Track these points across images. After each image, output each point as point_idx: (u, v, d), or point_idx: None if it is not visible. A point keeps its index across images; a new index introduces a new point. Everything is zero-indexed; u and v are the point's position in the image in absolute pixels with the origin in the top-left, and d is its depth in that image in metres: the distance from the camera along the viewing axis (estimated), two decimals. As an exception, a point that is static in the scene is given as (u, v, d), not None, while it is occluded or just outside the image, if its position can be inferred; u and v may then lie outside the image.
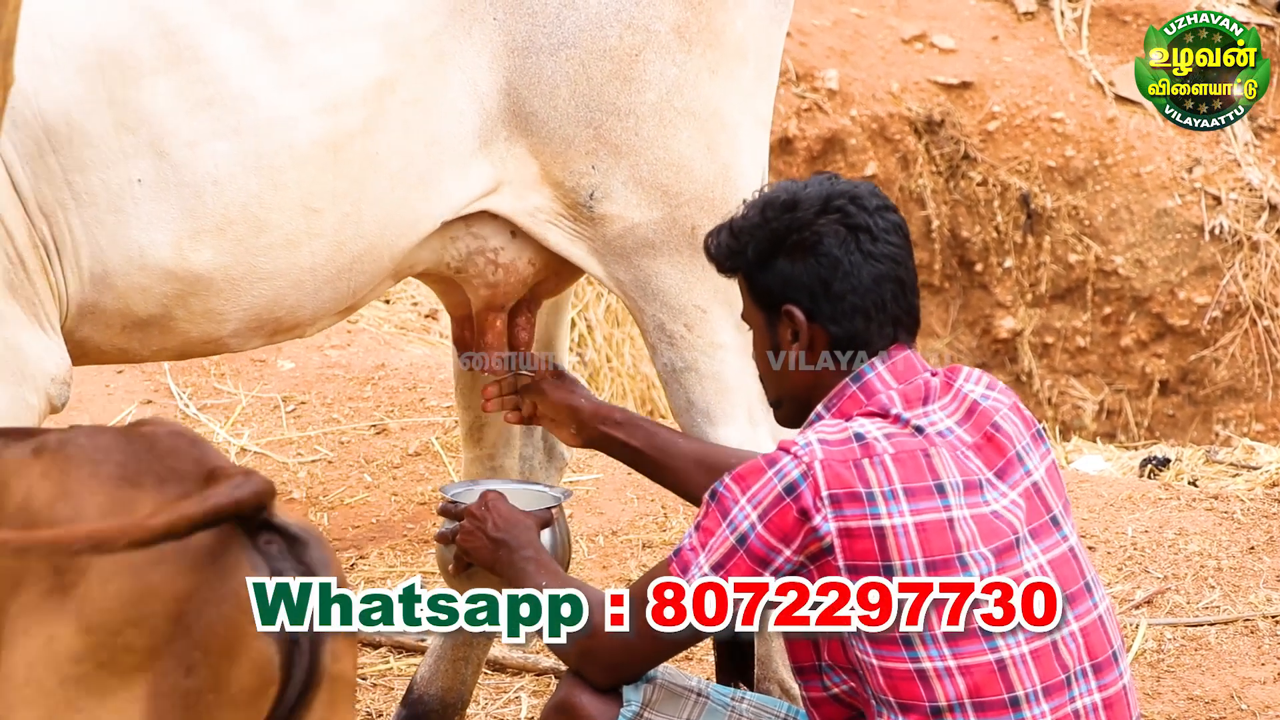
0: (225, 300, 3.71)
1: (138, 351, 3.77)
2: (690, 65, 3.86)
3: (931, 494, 3.09)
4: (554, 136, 3.83)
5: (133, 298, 3.66)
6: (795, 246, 3.20)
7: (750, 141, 3.95)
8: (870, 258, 3.19)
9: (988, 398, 3.21)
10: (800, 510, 3.07)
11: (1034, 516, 3.16)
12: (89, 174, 3.58)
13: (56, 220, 3.59)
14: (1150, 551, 5.34)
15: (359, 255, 3.76)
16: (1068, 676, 3.13)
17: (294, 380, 6.52)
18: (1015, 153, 9.18)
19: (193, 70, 3.61)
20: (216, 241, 3.65)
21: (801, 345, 3.21)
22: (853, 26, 9.32)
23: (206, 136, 3.62)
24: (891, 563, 3.07)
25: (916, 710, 3.09)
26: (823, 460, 3.08)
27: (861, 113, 9.12)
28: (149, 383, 6.51)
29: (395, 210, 3.76)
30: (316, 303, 3.79)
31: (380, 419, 6.29)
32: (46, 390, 3.61)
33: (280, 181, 3.66)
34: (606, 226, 3.88)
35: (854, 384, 3.20)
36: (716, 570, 3.10)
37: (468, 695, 4.50)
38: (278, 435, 6.24)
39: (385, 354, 6.70)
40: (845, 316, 3.19)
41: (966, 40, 9.32)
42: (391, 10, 3.71)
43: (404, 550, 5.68)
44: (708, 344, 3.95)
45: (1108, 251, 9.20)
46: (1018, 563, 3.11)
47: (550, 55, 3.80)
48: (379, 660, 5.09)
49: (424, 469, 6.05)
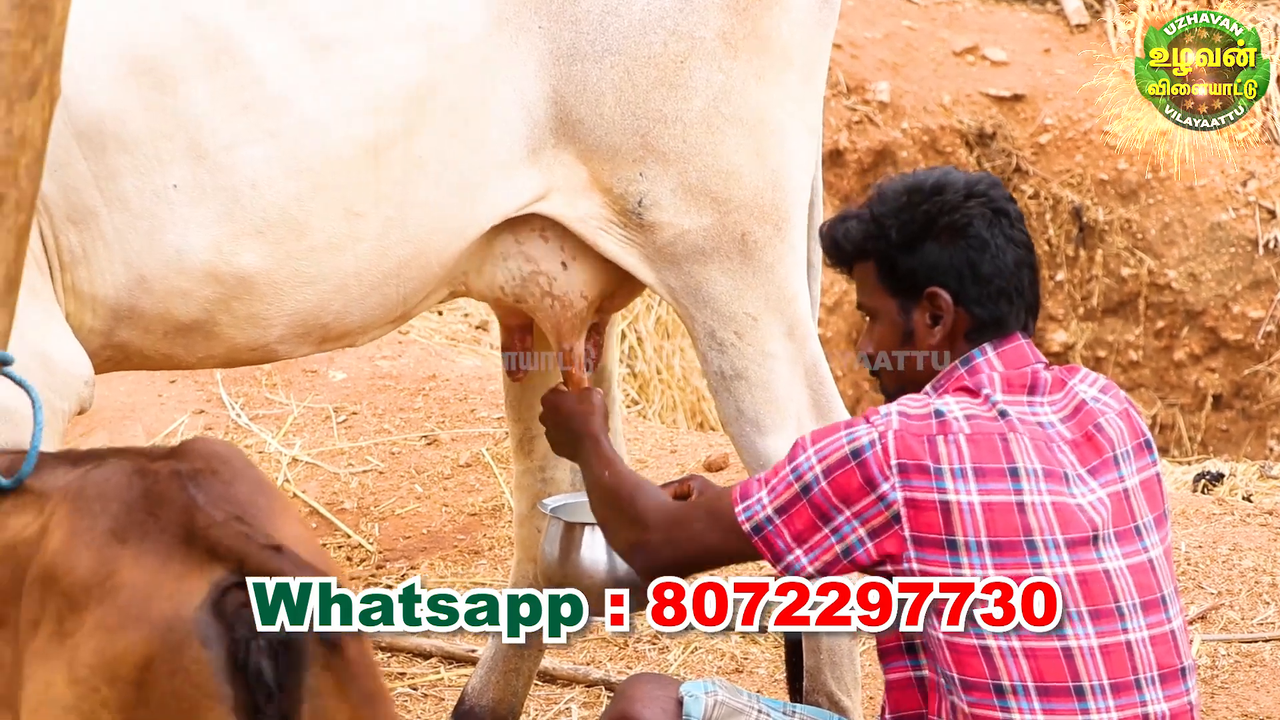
0: (269, 304, 3.72)
1: (183, 358, 3.77)
2: (737, 72, 3.85)
3: (1003, 476, 3.11)
4: (601, 144, 3.83)
5: (173, 302, 3.67)
6: (945, 229, 3.23)
7: (798, 147, 3.95)
8: (1011, 242, 3.24)
9: (1098, 400, 3.23)
10: (865, 478, 3.12)
11: (1119, 520, 3.17)
12: (123, 180, 3.59)
13: (87, 226, 3.59)
14: (1204, 567, 5.31)
15: (406, 260, 3.77)
16: (1138, 679, 3.13)
17: (345, 391, 6.54)
18: (1067, 165, 9.15)
19: (231, 74, 3.62)
20: (256, 244, 3.66)
21: (945, 329, 3.23)
22: (904, 39, 9.30)
23: (245, 140, 3.63)
24: (955, 538, 3.10)
25: (980, 688, 3.11)
26: (896, 431, 3.12)
27: (913, 125, 9.10)
28: (201, 393, 6.54)
29: (441, 215, 3.76)
30: (364, 309, 3.80)
31: (431, 430, 6.30)
32: (77, 393, 3.63)
33: (320, 184, 3.67)
34: (656, 233, 3.88)
35: (962, 366, 3.24)
36: (779, 513, 3.17)
37: (519, 707, 4.50)
38: (329, 446, 6.26)
39: (436, 365, 6.71)
40: (990, 299, 3.23)
41: (1018, 53, 9.29)
42: (434, 16, 3.72)
43: (455, 561, 5.69)
44: (758, 352, 3.95)
45: (1161, 265, 9.15)
46: (1094, 559, 3.13)
47: (595, 62, 3.80)
48: (430, 670, 5.10)
49: (475, 480, 6.05)
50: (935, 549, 3.10)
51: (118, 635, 2.68)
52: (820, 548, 3.15)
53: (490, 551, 5.73)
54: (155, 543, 2.73)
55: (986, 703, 3.11)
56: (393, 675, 5.08)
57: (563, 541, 3.78)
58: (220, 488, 2.81)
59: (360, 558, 5.76)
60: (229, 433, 6.32)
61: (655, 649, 5.14)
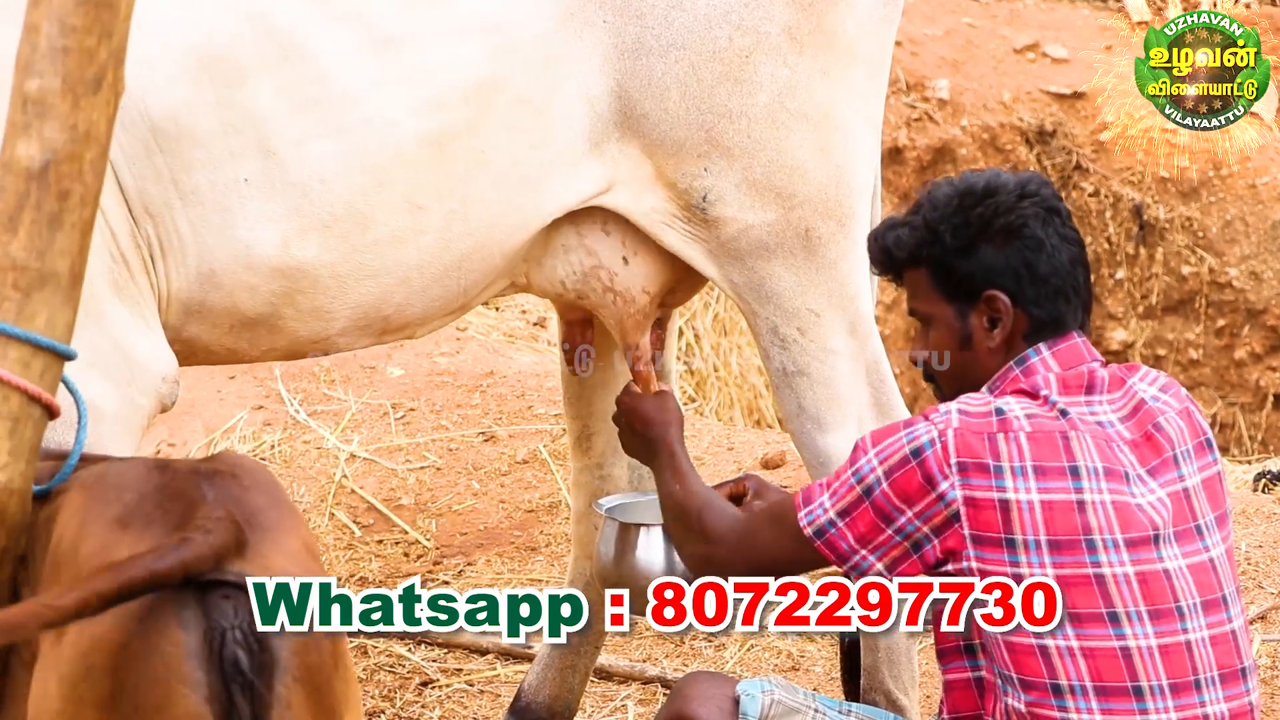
0: (333, 297, 3.73)
1: (247, 351, 3.79)
2: (802, 67, 3.85)
3: (1064, 475, 3.10)
4: (665, 139, 3.83)
5: (240, 296, 3.69)
6: (1000, 231, 3.22)
7: (862, 143, 3.94)
8: (1065, 240, 3.24)
9: (1158, 399, 3.22)
10: (925, 476, 3.11)
11: (1179, 520, 3.16)
12: (196, 173, 3.61)
13: (163, 220, 3.62)
14: (1264, 567, 5.28)
15: (468, 253, 3.78)
16: (1197, 680, 3.12)
17: (403, 387, 6.56)
18: (1128, 163, 9.10)
19: (298, 70, 3.63)
20: (323, 239, 3.68)
21: (1004, 331, 3.23)
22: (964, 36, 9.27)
23: (312, 135, 3.64)
24: (1014, 537, 3.09)
25: (1037, 687, 3.10)
26: (956, 429, 3.12)
27: (972, 122, 9.07)
28: (260, 389, 6.56)
29: (503, 208, 3.77)
30: (425, 301, 3.81)
31: (488, 426, 6.31)
32: (157, 390, 3.64)
33: (384, 179, 3.68)
34: (721, 229, 3.88)
35: (1017, 366, 3.23)
36: (842, 516, 3.17)
37: (575, 704, 4.50)
38: (387, 442, 6.28)
39: (494, 361, 6.72)
40: (1048, 299, 3.22)
41: (1079, 50, 9.25)
42: (499, 12, 3.72)
43: (511, 557, 5.69)
44: (820, 349, 3.94)
45: (1222, 264, 9.10)
46: (1154, 558, 3.12)
47: (660, 57, 3.80)
48: (486, 667, 5.11)
49: (531, 477, 6.06)
50: (994, 547, 3.10)
51: (95, 621, 2.65)
52: (886, 545, 3.15)
53: (546, 548, 5.73)
54: (155, 530, 2.72)
55: (1044, 702, 3.10)
56: (449, 671, 5.09)
57: (618, 542, 3.78)
58: (235, 490, 2.80)
59: (417, 554, 5.78)
60: (287, 428, 6.35)
61: (711, 647, 5.13)
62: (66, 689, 2.66)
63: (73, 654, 2.67)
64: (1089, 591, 3.09)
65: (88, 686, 2.66)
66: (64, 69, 2.80)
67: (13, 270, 2.82)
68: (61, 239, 2.83)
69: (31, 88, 2.80)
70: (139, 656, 2.65)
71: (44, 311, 2.84)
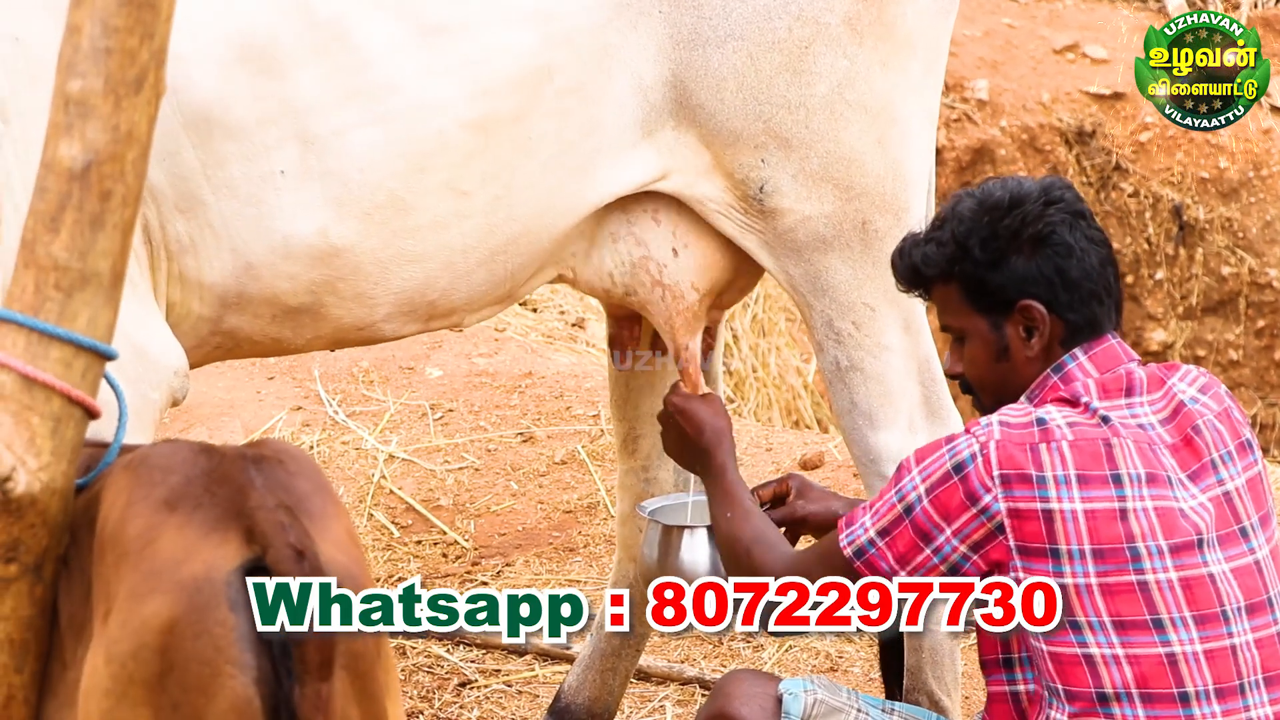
0: (375, 284, 3.73)
1: (291, 340, 3.79)
2: (861, 58, 3.82)
3: (1106, 483, 3.10)
4: (722, 129, 3.81)
5: (280, 286, 3.68)
6: (1030, 241, 3.22)
7: (919, 136, 3.92)
8: (1093, 243, 3.23)
9: (1197, 401, 3.21)
10: (967, 493, 3.10)
11: (1222, 524, 3.15)
12: (230, 167, 3.61)
13: (195, 215, 3.61)
14: (1307, 569, 5.24)
15: (513, 238, 3.77)
16: (1242, 684, 3.11)
17: (442, 388, 6.56)
18: (1167, 164, 9.07)
19: (341, 59, 3.63)
20: (363, 226, 3.67)
21: (1042, 340, 3.22)
22: (1004, 36, 9.25)
23: (353, 124, 3.64)
24: (1059, 547, 3.08)
25: (1082, 697, 3.09)
26: (998, 441, 3.11)
27: (1011, 123, 9.04)
28: (299, 389, 6.57)
29: (550, 193, 3.76)
30: (470, 285, 3.80)
31: (527, 427, 6.31)
32: (169, 384, 3.64)
33: (427, 166, 3.68)
34: (778, 220, 3.86)
35: (1054, 374, 3.22)
36: (882, 536, 3.16)
37: (614, 706, 4.49)
38: (425, 442, 6.28)
39: (532, 362, 6.72)
40: (1082, 303, 3.22)
41: (1119, 50, 9.23)
42: (553, 1, 3.71)
43: (549, 558, 5.69)
44: (874, 344, 3.92)
45: (1262, 264, 9.07)
46: (1198, 563, 3.11)
47: (717, 48, 3.78)
48: (524, 668, 5.11)
49: (570, 477, 6.06)
50: (1039, 558, 3.09)
51: (145, 600, 2.66)
52: (925, 566, 3.14)
53: (585, 549, 5.73)
54: (204, 514, 2.71)
55: (1090, 711, 3.09)
56: (487, 672, 5.09)
57: (661, 544, 3.77)
58: (282, 476, 2.80)
59: (455, 554, 5.78)
60: (326, 429, 6.36)
61: (749, 648, 5.12)
62: (115, 667, 2.66)
63: (122, 633, 2.67)
64: (1133, 599, 3.08)
65: (136, 665, 2.65)
66: (106, 70, 2.80)
67: (55, 270, 2.82)
68: (103, 239, 2.83)
69: (74, 88, 2.80)
70: (188, 637, 2.64)
71: (86, 312, 2.84)
